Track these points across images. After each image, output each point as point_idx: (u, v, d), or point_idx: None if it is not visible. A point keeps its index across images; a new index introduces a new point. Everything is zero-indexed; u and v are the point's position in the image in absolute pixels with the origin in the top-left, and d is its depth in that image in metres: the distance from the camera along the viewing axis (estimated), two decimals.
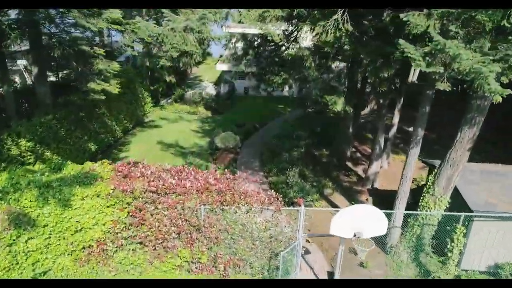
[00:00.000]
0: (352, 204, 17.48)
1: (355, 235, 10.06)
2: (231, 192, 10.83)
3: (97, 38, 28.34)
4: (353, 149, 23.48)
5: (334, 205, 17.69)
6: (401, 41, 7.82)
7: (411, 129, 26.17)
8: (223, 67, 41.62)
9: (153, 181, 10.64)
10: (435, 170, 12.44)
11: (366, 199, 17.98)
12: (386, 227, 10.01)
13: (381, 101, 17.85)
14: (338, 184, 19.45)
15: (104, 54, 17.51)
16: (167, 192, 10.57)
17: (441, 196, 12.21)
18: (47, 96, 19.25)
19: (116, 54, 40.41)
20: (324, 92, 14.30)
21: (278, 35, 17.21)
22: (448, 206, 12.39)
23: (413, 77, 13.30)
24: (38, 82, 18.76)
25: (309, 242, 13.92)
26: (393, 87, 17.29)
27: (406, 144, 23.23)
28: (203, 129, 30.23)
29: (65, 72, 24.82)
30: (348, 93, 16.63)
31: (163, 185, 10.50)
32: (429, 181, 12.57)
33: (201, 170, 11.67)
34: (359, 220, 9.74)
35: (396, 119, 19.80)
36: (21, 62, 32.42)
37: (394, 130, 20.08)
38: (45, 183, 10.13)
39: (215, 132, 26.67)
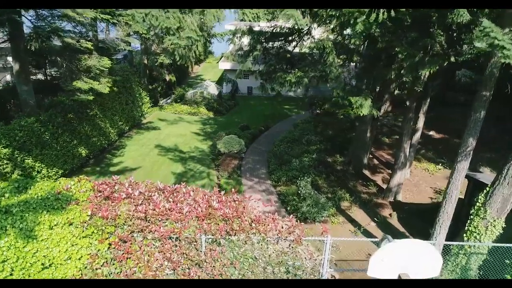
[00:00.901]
0: (376, 221, 15.22)
1: (399, 277, 7.80)
2: (239, 219, 8.56)
3: (90, 34, 26.11)
4: (369, 155, 21.19)
5: (353, 221, 15.41)
6: (485, 22, 5.57)
7: (431, 133, 23.98)
8: (226, 65, 39.35)
9: (141, 204, 8.36)
10: (487, 188, 10.13)
11: (390, 215, 15.69)
12: (440, 268, 7.73)
13: (407, 102, 15.54)
14: (356, 196, 17.17)
15: (92, 48, 15.23)
16: (160, 219, 8.29)
17: (495, 220, 9.93)
18: (30, 96, 16.99)
19: (112, 51, 38.22)
20: (349, 93, 11.99)
21: (291, 28, 14.97)
22: (502, 232, 10.12)
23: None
24: (19, 80, 16.49)
25: (334, 277, 11.62)
26: (423, 87, 15.01)
27: (427, 150, 20.94)
28: (204, 132, 27.97)
29: (54, 70, 22.60)
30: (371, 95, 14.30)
31: (154, 210, 8.23)
32: (479, 201, 10.27)
33: (203, 189, 9.38)
34: (406, 259, 7.47)
35: (421, 123, 17.53)
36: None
37: (418, 135, 17.79)
38: (2, 208, 7.87)
39: (218, 135, 24.42)
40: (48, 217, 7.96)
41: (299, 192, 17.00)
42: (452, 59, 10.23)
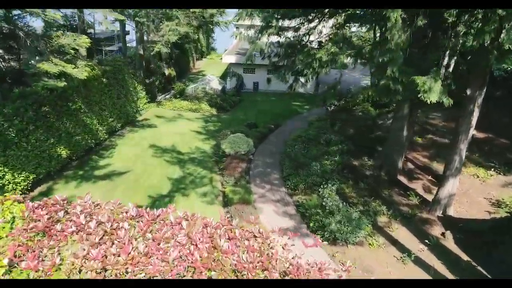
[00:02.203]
0: (427, 243, 11.69)
1: None
2: (265, 271, 5.03)
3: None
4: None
5: (396, 243, 11.91)
6: None
7: (473, 132, 20.36)
8: (230, 59, 35.84)
9: (100, 243, 4.86)
10: None
11: (443, 234, 12.17)
12: None
13: (468, 91, 11.98)
14: (394, 209, 13.67)
15: (61, 19, 11.80)
16: (128, 271, 4.79)
17: None
18: None
19: (103, 40, 34.78)
20: (408, 73, 8.49)
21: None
22: None
23: None
24: None
25: None
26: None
27: (471, 152, 17.36)
28: (206, 130, 24.48)
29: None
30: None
31: (119, 255, 4.72)
32: None
33: (204, 216, 5.79)
34: None
35: (474, 120, 13.97)
36: None
37: (470, 134, 14.23)
38: None
39: (222, 134, 20.93)
40: None
41: (324, 204, 13.51)
42: None
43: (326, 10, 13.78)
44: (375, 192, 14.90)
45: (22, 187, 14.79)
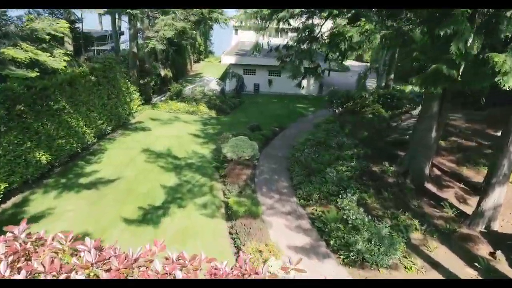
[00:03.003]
0: (477, 267, 9.55)
1: None
2: None
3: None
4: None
5: (438, 266, 9.77)
6: None
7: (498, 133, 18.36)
8: (230, 59, 33.85)
9: None
10: None
11: (492, 255, 10.05)
12: None
13: None
14: (428, 223, 11.55)
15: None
16: None
17: None
18: None
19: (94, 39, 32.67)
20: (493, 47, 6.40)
21: None
22: None
23: None
24: None
25: None
26: None
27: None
28: (205, 133, 22.34)
29: None
30: None
31: None
32: None
33: (210, 258, 3.59)
34: None
35: None
36: None
37: None
38: None
39: (223, 137, 18.80)
40: None
41: (345, 217, 11.38)
42: None
43: None
44: (402, 203, 12.79)
45: None
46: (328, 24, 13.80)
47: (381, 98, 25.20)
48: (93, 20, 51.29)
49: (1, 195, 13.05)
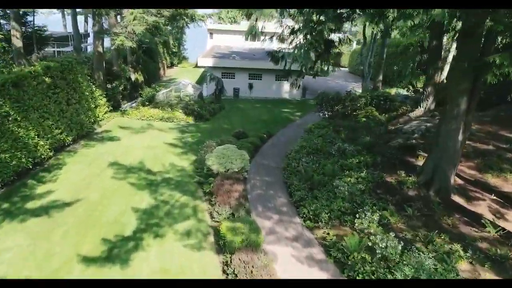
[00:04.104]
0: None
1: None
2: None
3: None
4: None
5: None
6: None
7: None
8: (207, 62, 31.05)
9: None
10: None
11: None
12: None
13: None
14: (471, 247, 9.16)
15: None
16: None
17: None
18: None
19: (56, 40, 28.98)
20: None
21: None
22: None
23: None
24: None
25: None
26: None
27: None
28: (183, 142, 19.39)
29: None
30: None
31: None
32: None
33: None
34: None
35: None
36: None
37: None
38: None
39: (206, 146, 15.94)
40: None
41: (371, 244, 8.84)
42: None
43: None
44: (432, 221, 10.41)
45: None
46: None
47: (374, 100, 23.16)
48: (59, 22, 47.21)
49: None
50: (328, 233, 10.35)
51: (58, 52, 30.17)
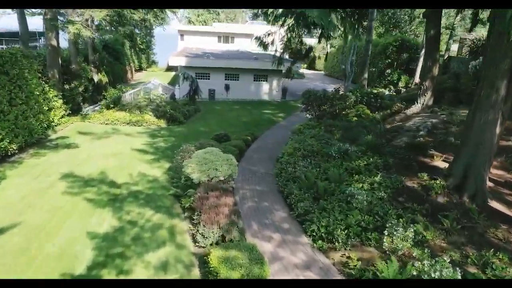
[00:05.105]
0: None
1: None
2: None
3: None
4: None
5: None
6: None
7: None
8: (179, 61, 28.17)
9: None
10: None
11: None
12: None
13: None
14: None
15: None
16: None
17: None
18: None
19: None
20: None
21: None
22: None
23: None
24: None
25: None
26: None
27: None
28: (155, 148, 16.47)
29: None
30: None
31: None
32: None
33: None
34: None
35: None
36: None
37: None
38: None
39: (183, 150, 13.10)
40: None
41: (417, 273, 6.43)
42: None
43: None
44: (477, 235, 8.17)
45: None
46: None
47: (365, 98, 21.21)
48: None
49: None
50: (349, 257, 7.87)
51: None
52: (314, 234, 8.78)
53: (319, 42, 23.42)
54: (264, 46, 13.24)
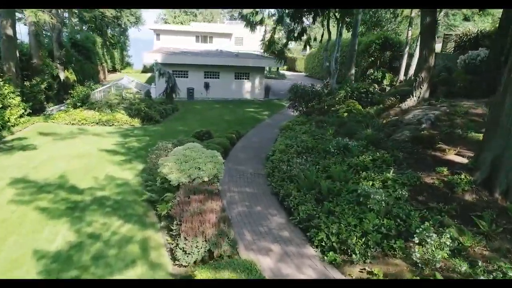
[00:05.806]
0: None
1: None
2: None
3: None
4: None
5: None
6: None
7: None
8: (155, 57, 26.06)
9: None
10: None
11: None
12: None
13: None
14: None
15: None
16: None
17: None
18: None
19: None
20: None
21: None
22: None
23: None
24: None
25: None
26: None
27: None
28: (126, 148, 14.39)
29: None
30: None
31: None
32: None
33: None
34: None
35: None
36: None
37: None
38: None
39: (158, 148, 11.14)
40: None
41: None
42: None
43: None
44: None
45: None
46: None
47: (355, 93, 19.85)
48: None
49: None
50: (371, 272, 6.20)
51: None
52: (323, 244, 7.06)
53: (304, 48, 22.22)
54: (251, 26, 11.61)
